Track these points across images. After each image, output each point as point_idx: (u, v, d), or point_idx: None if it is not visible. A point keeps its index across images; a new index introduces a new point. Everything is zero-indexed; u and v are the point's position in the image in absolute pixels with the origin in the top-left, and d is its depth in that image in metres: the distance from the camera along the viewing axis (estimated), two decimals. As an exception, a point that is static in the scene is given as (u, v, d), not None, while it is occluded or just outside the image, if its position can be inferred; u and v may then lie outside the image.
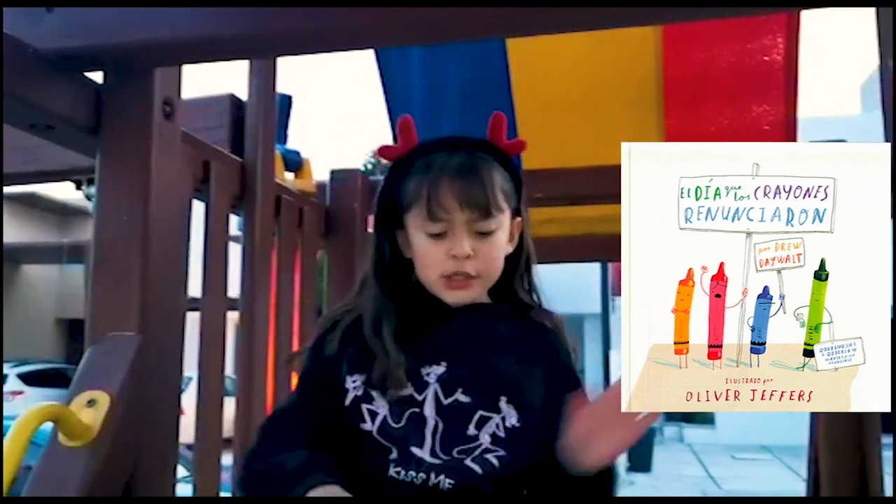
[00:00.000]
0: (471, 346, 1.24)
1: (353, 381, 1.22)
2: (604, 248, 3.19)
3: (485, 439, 1.16)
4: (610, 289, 13.21)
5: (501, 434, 1.16)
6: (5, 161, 1.90)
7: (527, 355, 1.25)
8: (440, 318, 1.27)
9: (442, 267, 1.23)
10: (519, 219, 1.33)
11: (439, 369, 1.20)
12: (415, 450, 1.16)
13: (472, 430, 1.16)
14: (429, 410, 1.18)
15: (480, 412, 1.17)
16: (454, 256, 1.21)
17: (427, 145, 1.30)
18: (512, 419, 1.17)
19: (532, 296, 1.33)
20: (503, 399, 1.18)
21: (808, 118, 2.85)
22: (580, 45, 2.57)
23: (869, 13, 1.76)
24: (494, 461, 1.16)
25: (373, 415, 1.19)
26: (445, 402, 1.18)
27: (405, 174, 1.27)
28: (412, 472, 1.15)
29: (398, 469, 1.15)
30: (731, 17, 2.21)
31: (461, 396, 1.18)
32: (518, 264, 1.32)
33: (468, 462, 1.15)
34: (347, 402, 1.21)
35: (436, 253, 1.23)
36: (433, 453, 1.15)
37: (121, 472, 1.42)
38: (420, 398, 1.19)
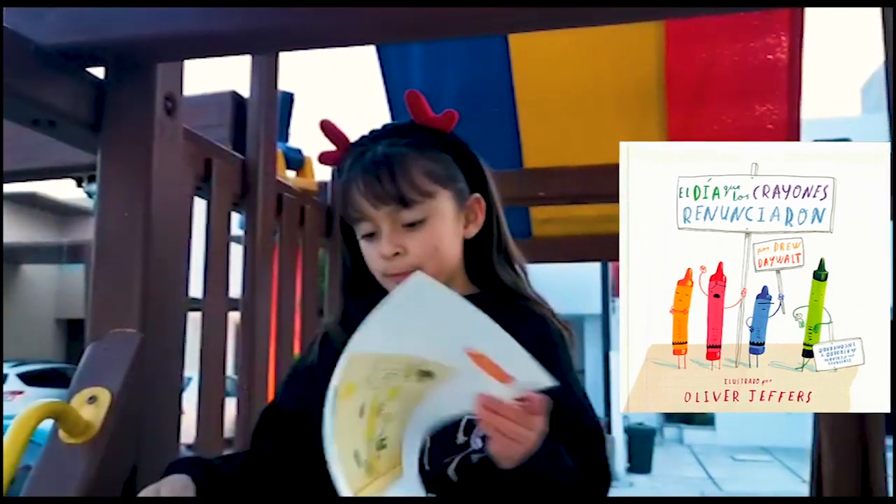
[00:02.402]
0: None
1: None
2: (605, 248, 3.18)
3: (476, 443, 1.07)
4: (610, 289, 13.20)
5: None
6: (5, 159, 1.90)
7: None
8: None
9: (379, 267, 1.18)
10: (477, 196, 1.22)
11: None
12: None
13: (461, 438, 1.08)
14: None
15: (467, 416, 1.07)
16: (382, 257, 1.16)
17: (357, 143, 1.23)
18: None
19: (515, 277, 1.24)
20: None
21: (808, 119, 2.84)
22: (582, 44, 2.58)
23: (870, 14, 1.76)
24: (474, 458, 1.08)
25: None
26: None
27: (338, 178, 1.22)
28: None
29: None
30: (732, 12, 2.20)
31: None
32: (491, 246, 1.24)
33: (450, 471, 1.08)
34: None
35: (370, 254, 1.18)
36: (421, 471, 1.06)
37: (121, 469, 1.42)
38: None
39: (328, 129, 1.25)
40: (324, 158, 1.28)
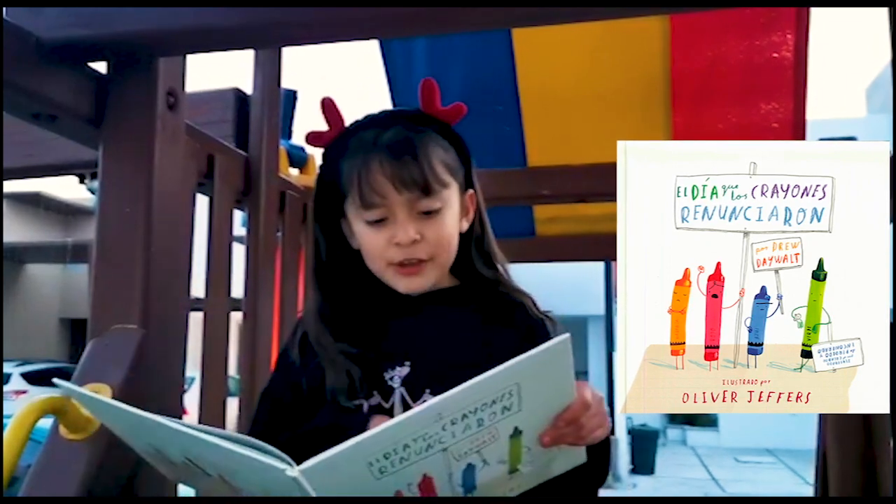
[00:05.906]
0: (435, 339, 1.15)
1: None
2: (609, 247, 3.16)
3: None
4: (613, 290, 13.16)
5: None
6: (6, 155, 1.90)
7: (495, 340, 1.13)
8: (400, 310, 1.18)
9: (387, 256, 1.14)
10: (471, 191, 1.22)
11: (403, 370, 1.11)
12: None
13: None
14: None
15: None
16: (398, 244, 1.12)
17: (358, 124, 1.19)
18: None
19: (494, 269, 1.22)
20: None
21: (813, 120, 2.82)
22: (587, 42, 2.57)
23: (876, 15, 1.76)
24: None
25: None
26: (413, 406, 1.07)
27: (339, 158, 1.17)
28: None
29: None
30: (735, 6, 2.19)
31: (429, 398, 1.02)
32: (474, 238, 1.22)
33: None
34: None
35: (378, 241, 1.14)
36: None
37: (122, 466, 1.42)
38: (388, 406, 1.09)
39: (328, 107, 1.21)
40: (312, 138, 1.23)
